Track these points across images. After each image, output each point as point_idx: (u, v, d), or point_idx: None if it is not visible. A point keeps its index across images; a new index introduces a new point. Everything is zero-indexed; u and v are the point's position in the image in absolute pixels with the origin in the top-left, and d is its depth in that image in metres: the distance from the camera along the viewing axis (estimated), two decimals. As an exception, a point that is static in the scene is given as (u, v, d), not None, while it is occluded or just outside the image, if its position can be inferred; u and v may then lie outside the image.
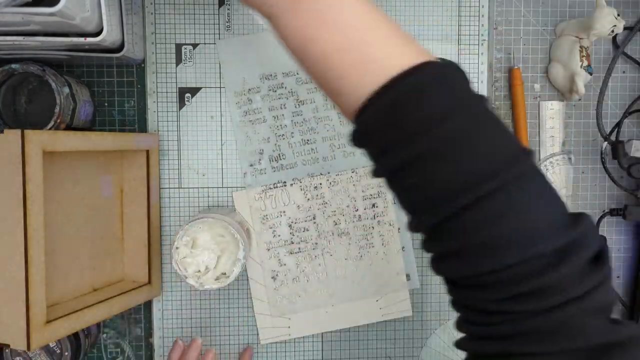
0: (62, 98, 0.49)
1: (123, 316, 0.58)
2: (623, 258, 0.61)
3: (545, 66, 0.59)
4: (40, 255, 0.41)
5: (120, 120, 0.57)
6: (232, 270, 0.50)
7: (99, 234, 0.53)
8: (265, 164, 0.57)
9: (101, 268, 0.53)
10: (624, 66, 0.60)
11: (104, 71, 0.56)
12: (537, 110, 0.59)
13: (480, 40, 0.58)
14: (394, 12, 0.57)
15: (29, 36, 0.44)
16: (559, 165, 0.60)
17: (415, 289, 0.59)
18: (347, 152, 0.57)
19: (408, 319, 0.59)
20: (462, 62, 0.58)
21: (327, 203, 0.57)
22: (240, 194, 0.57)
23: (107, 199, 0.53)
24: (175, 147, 0.57)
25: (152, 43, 0.56)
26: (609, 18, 0.52)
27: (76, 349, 0.51)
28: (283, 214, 0.57)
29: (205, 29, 0.56)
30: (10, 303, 0.41)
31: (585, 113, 0.60)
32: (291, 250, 0.57)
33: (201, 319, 0.58)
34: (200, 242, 0.50)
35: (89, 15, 0.43)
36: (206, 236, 0.50)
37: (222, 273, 0.50)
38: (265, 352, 0.59)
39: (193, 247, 0.50)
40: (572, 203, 0.60)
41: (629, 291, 0.61)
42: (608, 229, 0.61)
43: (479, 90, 0.58)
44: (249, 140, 0.57)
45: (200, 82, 0.57)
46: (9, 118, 0.52)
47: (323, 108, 0.57)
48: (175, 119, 0.57)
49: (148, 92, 0.56)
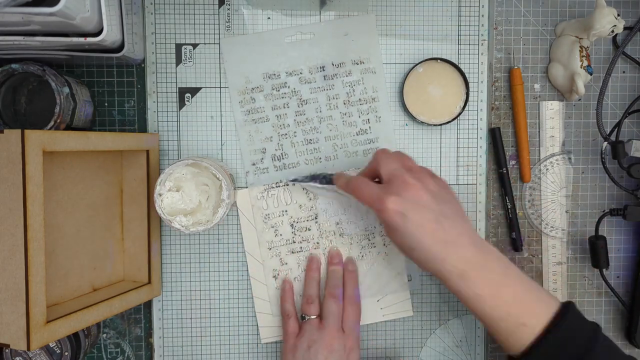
0: (62, 98, 0.49)
1: (123, 316, 0.58)
2: (623, 258, 0.61)
3: (545, 66, 0.59)
4: (40, 255, 0.41)
5: (120, 120, 0.56)
6: (216, 211, 0.50)
7: (99, 234, 0.52)
8: (267, 163, 0.57)
9: (101, 268, 0.53)
10: (624, 66, 0.60)
11: (104, 71, 0.56)
12: (537, 110, 0.59)
13: (480, 40, 0.58)
14: (394, 12, 0.57)
15: (29, 36, 0.44)
16: (559, 165, 0.60)
17: (415, 290, 0.59)
18: (349, 152, 0.57)
19: (408, 319, 0.59)
20: (462, 62, 0.58)
21: (329, 203, 0.57)
22: (242, 193, 0.57)
23: (107, 199, 0.53)
24: (175, 147, 0.57)
25: (152, 43, 0.56)
26: (609, 18, 0.52)
27: (76, 349, 0.51)
28: (285, 213, 0.57)
29: (205, 29, 0.56)
30: (10, 303, 0.41)
31: (585, 113, 0.60)
32: (293, 250, 0.57)
33: (201, 318, 0.58)
34: (185, 189, 0.51)
35: (89, 15, 0.43)
36: (190, 185, 0.51)
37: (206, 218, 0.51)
38: (265, 352, 0.59)
39: (177, 192, 0.50)
40: (572, 203, 0.60)
41: (629, 291, 0.61)
42: (608, 229, 0.61)
43: (479, 91, 0.58)
44: (251, 139, 0.57)
45: (200, 82, 0.57)
46: (9, 118, 0.52)
47: (326, 108, 0.57)
48: (175, 119, 0.57)
49: (148, 92, 0.56)
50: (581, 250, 0.61)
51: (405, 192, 0.45)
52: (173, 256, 0.57)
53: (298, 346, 0.52)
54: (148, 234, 0.54)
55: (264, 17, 0.56)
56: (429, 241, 0.44)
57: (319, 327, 0.52)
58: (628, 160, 0.57)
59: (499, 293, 0.44)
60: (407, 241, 0.45)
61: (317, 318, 0.54)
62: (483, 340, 0.60)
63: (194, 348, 0.58)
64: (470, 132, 0.59)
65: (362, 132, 0.57)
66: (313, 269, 0.57)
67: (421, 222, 0.44)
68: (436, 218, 0.44)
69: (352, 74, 0.57)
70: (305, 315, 0.54)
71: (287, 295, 0.56)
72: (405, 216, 0.44)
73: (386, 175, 0.47)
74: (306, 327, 0.53)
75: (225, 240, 0.58)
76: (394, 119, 0.58)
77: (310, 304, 0.54)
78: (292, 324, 0.55)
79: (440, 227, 0.44)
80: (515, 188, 0.60)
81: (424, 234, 0.44)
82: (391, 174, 0.47)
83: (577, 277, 0.61)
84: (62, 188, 0.48)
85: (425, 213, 0.44)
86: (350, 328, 0.53)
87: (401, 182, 0.45)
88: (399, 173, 0.46)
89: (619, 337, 0.62)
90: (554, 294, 0.60)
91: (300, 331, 0.53)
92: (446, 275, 0.44)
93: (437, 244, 0.44)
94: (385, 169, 0.47)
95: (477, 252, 0.45)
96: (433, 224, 0.44)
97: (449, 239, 0.44)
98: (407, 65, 0.58)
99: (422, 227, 0.44)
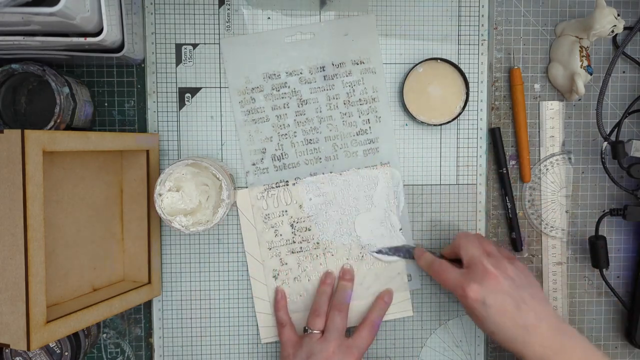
0: (62, 98, 0.49)
1: (123, 316, 0.58)
2: (623, 258, 0.61)
3: (545, 66, 0.59)
4: (40, 255, 0.41)
5: (120, 120, 0.56)
6: (216, 211, 0.50)
7: (99, 234, 0.52)
8: (267, 163, 0.57)
9: (101, 268, 0.53)
10: (624, 66, 0.60)
11: (104, 71, 0.56)
12: (537, 110, 0.59)
13: (480, 40, 0.58)
14: (394, 12, 0.57)
15: (29, 36, 0.44)
16: (559, 165, 0.60)
17: (415, 289, 0.59)
18: (349, 152, 0.57)
19: (408, 319, 0.59)
20: (462, 62, 0.58)
21: (329, 203, 0.57)
22: (242, 193, 0.57)
23: (107, 199, 0.53)
24: (175, 147, 0.57)
25: (152, 43, 0.56)
26: (609, 18, 0.52)
27: (76, 349, 0.51)
28: (285, 214, 0.57)
29: (205, 29, 0.56)
30: (10, 303, 0.41)
31: (585, 113, 0.60)
32: (293, 250, 0.57)
33: (201, 318, 0.58)
34: (185, 189, 0.51)
35: (89, 15, 0.43)
36: (191, 185, 0.51)
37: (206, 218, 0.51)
38: (265, 352, 0.59)
39: (177, 192, 0.50)
40: (572, 203, 0.60)
41: (629, 291, 0.61)
42: (608, 229, 0.61)
43: (479, 91, 0.58)
44: (251, 139, 0.57)
45: (200, 82, 0.57)
46: (9, 118, 0.52)
47: (326, 108, 0.57)
48: (175, 119, 0.57)
49: (148, 92, 0.56)
50: (581, 250, 0.61)
51: (485, 280, 0.48)
52: (173, 256, 0.57)
53: (296, 356, 0.52)
54: (148, 234, 0.54)
55: (264, 17, 0.56)
56: (510, 326, 0.47)
57: (320, 341, 0.52)
58: (628, 160, 0.57)
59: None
60: (489, 326, 0.47)
61: (319, 333, 0.53)
62: (483, 340, 0.60)
63: (194, 348, 0.58)
64: (470, 132, 0.59)
65: (362, 132, 0.57)
66: (327, 283, 0.57)
67: (501, 308, 0.47)
68: (516, 304, 0.47)
69: (352, 74, 0.57)
70: (309, 328, 0.53)
71: (279, 304, 0.57)
72: (485, 304, 0.47)
73: (467, 260, 0.50)
74: (306, 339, 0.53)
75: (225, 240, 0.58)
76: (394, 119, 0.58)
77: (316, 317, 0.54)
78: (287, 332, 0.55)
79: (520, 313, 0.47)
80: (515, 188, 0.60)
81: (504, 320, 0.47)
82: (472, 259, 0.50)
83: (577, 277, 0.61)
84: (62, 188, 0.48)
85: (505, 298, 0.47)
86: (358, 350, 0.52)
87: (481, 270, 0.48)
88: (479, 260, 0.49)
89: (619, 337, 0.62)
90: (554, 294, 0.60)
91: (300, 341, 0.53)
92: (528, 359, 0.47)
93: (518, 329, 0.47)
94: (466, 254, 0.51)
95: (557, 335, 0.47)
96: (513, 309, 0.47)
97: (528, 324, 0.47)
98: (407, 65, 0.58)
99: (502, 313, 0.47)
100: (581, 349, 0.47)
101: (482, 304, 0.47)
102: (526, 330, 0.46)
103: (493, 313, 0.47)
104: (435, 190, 0.59)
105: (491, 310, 0.47)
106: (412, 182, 0.58)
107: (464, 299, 0.48)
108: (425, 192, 0.59)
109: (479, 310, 0.47)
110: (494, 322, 0.47)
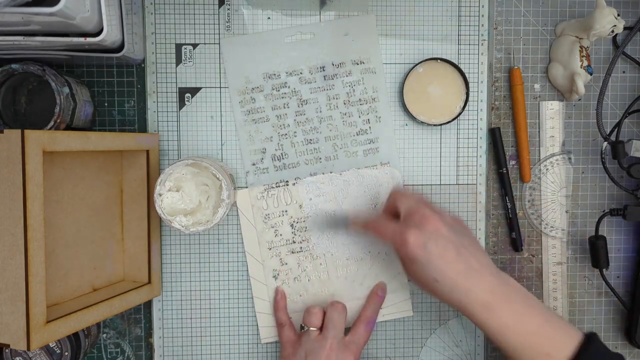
0: (62, 98, 0.49)
1: (123, 316, 0.58)
2: (623, 258, 0.61)
3: (545, 66, 0.59)
4: (40, 255, 0.41)
5: (120, 120, 0.56)
6: (216, 211, 0.50)
7: (99, 234, 0.52)
8: (267, 163, 0.57)
9: (101, 268, 0.53)
10: (624, 66, 0.60)
11: (104, 71, 0.56)
12: (537, 110, 0.59)
13: (480, 40, 0.58)
14: (394, 12, 0.57)
15: (29, 36, 0.44)
16: (559, 165, 0.60)
17: (415, 290, 0.59)
18: (349, 152, 0.57)
19: (408, 319, 0.59)
20: (462, 62, 0.58)
21: (330, 203, 0.57)
22: (242, 193, 0.57)
23: (107, 199, 0.53)
24: (175, 147, 0.57)
25: (152, 43, 0.56)
26: (609, 18, 0.52)
27: (76, 349, 0.51)
28: (285, 214, 0.57)
29: (205, 29, 0.56)
30: (10, 303, 0.41)
31: (585, 113, 0.60)
32: (293, 250, 0.57)
33: (201, 318, 0.58)
34: (185, 189, 0.51)
35: (89, 15, 0.43)
36: (191, 185, 0.51)
37: (206, 218, 0.51)
38: (265, 352, 0.59)
39: (177, 192, 0.50)
40: (572, 203, 0.60)
41: (629, 291, 0.61)
42: (608, 229, 0.61)
43: (479, 91, 0.58)
44: (251, 139, 0.57)
45: (200, 82, 0.57)
46: (9, 118, 0.52)
47: (326, 108, 0.57)
48: (175, 119, 0.57)
49: (148, 92, 0.56)
50: (581, 250, 0.61)
51: (424, 224, 0.46)
52: (173, 256, 0.57)
53: (296, 355, 0.52)
54: (148, 234, 0.54)
55: (264, 17, 0.56)
56: (452, 271, 0.45)
57: (318, 338, 0.52)
58: (628, 160, 0.57)
59: (522, 323, 0.45)
60: (430, 273, 0.45)
61: (317, 330, 0.53)
62: (483, 340, 0.60)
63: (194, 348, 0.58)
64: (470, 132, 0.59)
65: (362, 132, 0.57)
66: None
67: (442, 252, 0.45)
68: (456, 249, 0.45)
69: (352, 74, 0.57)
70: (306, 325, 0.53)
71: (279, 305, 0.57)
72: (426, 248, 0.45)
73: (405, 210, 0.48)
74: (304, 337, 0.53)
75: (225, 240, 0.58)
76: (394, 119, 0.58)
77: (312, 314, 0.53)
78: (287, 332, 0.55)
79: (461, 258, 0.45)
80: (515, 188, 0.60)
81: (446, 265, 0.45)
82: (409, 209, 0.48)
83: (577, 277, 0.61)
84: (62, 188, 0.48)
85: (446, 244, 0.45)
86: (356, 346, 0.52)
87: (420, 215, 0.47)
88: (417, 208, 0.48)
89: (619, 337, 0.62)
90: (554, 294, 0.60)
91: (299, 340, 0.53)
92: (470, 306, 0.45)
93: (460, 275, 0.45)
94: (402, 204, 0.49)
95: (499, 282, 0.46)
96: (454, 254, 0.45)
97: (470, 270, 0.45)
98: (407, 65, 0.58)
99: (444, 257, 0.45)
100: (522, 296, 0.46)
101: (423, 248, 0.45)
102: (469, 276, 0.45)
103: (435, 258, 0.44)
104: (435, 190, 0.59)
105: (432, 256, 0.44)
106: (412, 182, 0.58)
107: (403, 247, 0.45)
108: (425, 192, 0.59)
109: (419, 256, 0.45)
110: (436, 268, 0.45)
